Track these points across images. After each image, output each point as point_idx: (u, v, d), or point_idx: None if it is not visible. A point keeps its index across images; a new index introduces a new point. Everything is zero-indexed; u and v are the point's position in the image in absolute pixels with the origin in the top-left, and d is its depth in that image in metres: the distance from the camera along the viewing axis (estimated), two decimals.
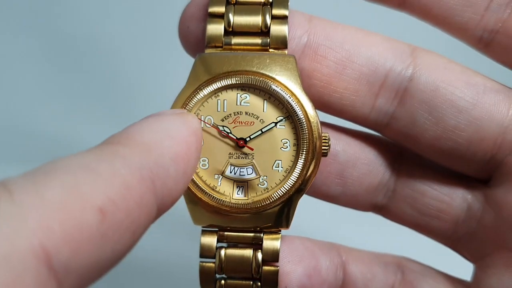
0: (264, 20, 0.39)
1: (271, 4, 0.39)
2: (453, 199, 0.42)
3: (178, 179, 0.27)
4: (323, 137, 0.38)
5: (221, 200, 0.38)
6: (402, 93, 0.40)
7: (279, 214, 0.39)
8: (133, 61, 0.84)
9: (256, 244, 0.39)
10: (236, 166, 0.39)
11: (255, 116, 0.39)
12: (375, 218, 0.45)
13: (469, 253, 0.43)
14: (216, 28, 0.39)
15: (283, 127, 0.39)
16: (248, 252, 0.39)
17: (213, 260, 0.39)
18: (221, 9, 0.39)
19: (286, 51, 0.39)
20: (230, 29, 0.39)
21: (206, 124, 0.39)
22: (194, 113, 0.38)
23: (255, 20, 0.39)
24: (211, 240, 0.39)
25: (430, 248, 0.45)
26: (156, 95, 0.78)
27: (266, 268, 0.39)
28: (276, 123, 0.38)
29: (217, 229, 0.40)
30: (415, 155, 0.42)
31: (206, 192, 0.38)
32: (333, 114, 0.42)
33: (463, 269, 0.43)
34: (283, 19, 0.39)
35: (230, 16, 0.39)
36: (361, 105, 0.40)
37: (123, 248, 0.24)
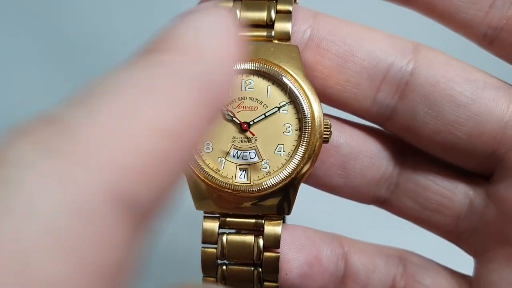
0: (269, 15, 0.40)
1: (276, 0, 0.41)
2: (455, 194, 0.42)
3: (224, 83, 0.23)
4: (325, 124, 0.39)
5: (224, 182, 0.39)
6: (403, 87, 0.40)
7: (281, 200, 0.39)
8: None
9: (258, 230, 0.40)
10: (240, 150, 0.40)
11: (258, 101, 0.40)
12: (378, 211, 0.45)
13: (470, 248, 0.43)
14: None
15: (286, 112, 0.40)
16: (250, 238, 0.40)
17: (215, 246, 0.40)
18: (229, 4, 0.41)
19: (289, 43, 0.40)
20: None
21: None
22: None
23: (261, 15, 0.41)
24: (213, 226, 0.40)
25: (433, 242, 0.45)
26: None
27: (267, 254, 0.40)
28: (279, 108, 0.40)
29: (218, 215, 0.40)
30: (418, 149, 0.43)
31: (209, 174, 0.39)
32: (336, 107, 0.43)
33: (466, 263, 0.43)
34: (287, 13, 0.40)
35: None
36: (363, 98, 0.41)
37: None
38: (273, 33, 0.40)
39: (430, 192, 0.42)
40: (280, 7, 0.40)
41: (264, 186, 0.39)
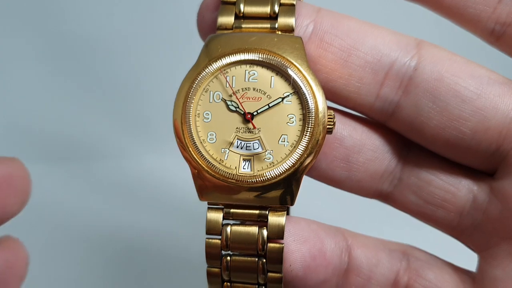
0: (272, 8, 0.41)
1: None
2: (459, 189, 0.42)
3: None
4: (328, 114, 0.39)
5: (227, 173, 0.39)
6: (406, 83, 0.40)
7: (284, 191, 0.39)
8: (137, 60, 0.85)
9: (262, 221, 0.40)
10: (243, 140, 0.40)
11: (262, 92, 0.40)
12: (382, 206, 0.45)
13: (474, 244, 0.43)
14: (227, 14, 0.41)
15: (290, 102, 0.40)
16: (254, 229, 0.40)
17: (219, 237, 0.40)
18: None
19: (293, 34, 0.40)
20: (241, 15, 0.41)
21: (215, 99, 0.40)
22: (203, 88, 0.40)
23: (265, 9, 0.41)
24: (217, 217, 0.40)
25: (435, 238, 0.45)
26: (160, 93, 0.79)
27: (271, 245, 0.40)
28: (283, 98, 0.40)
29: (222, 207, 0.40)
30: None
31: (213, 164, 0.39)
32: (339, 103, 0.43)
33: (469, 259, 0.43)
34: (290, 6, 0.41)
35: (241, 6, 0.41)
36: (366, 92, 0.41)
37: None
38: (276, 25, 0.41)
39: (433, 187, 0.42)
40: (283, 0, 0.41)
41: (268, 177, 0.39)
